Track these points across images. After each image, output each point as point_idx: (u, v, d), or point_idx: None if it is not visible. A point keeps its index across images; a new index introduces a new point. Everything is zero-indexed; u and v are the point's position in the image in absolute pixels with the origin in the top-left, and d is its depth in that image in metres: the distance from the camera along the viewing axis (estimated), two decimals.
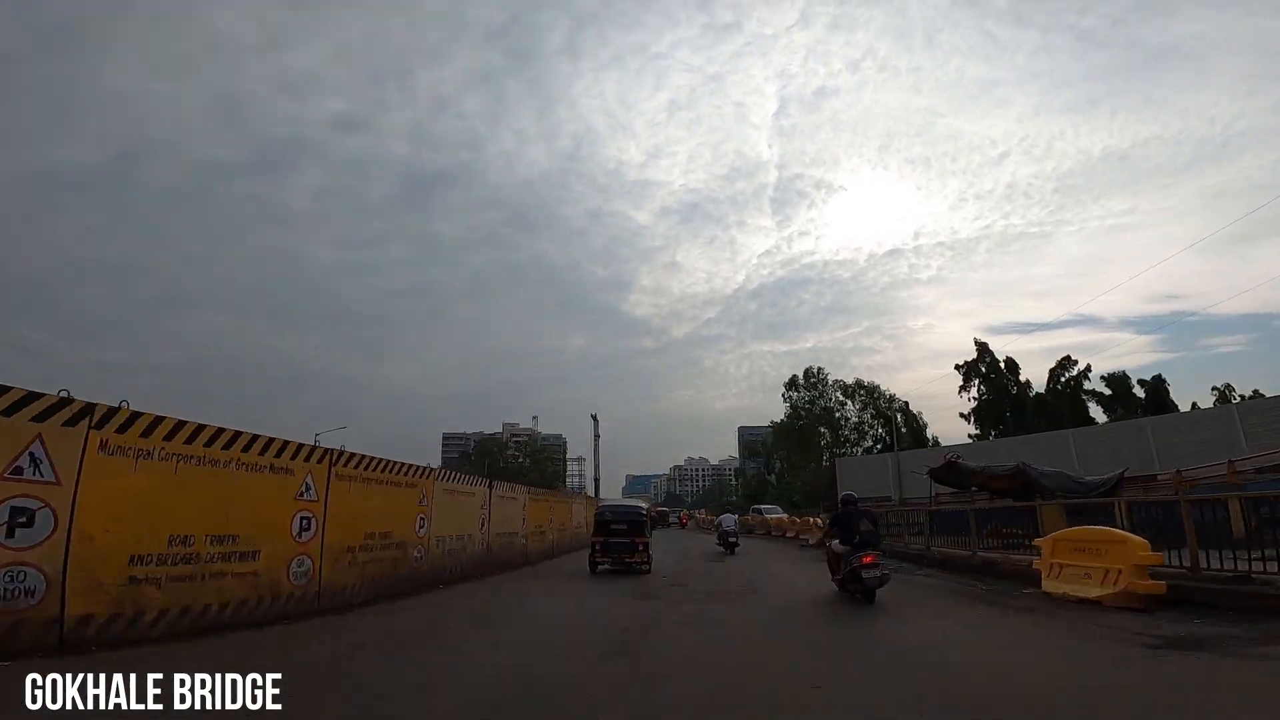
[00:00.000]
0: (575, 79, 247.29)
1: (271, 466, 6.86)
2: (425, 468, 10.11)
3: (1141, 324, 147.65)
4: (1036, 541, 8.41)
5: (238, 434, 6.34)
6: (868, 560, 7.95)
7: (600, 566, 11.45)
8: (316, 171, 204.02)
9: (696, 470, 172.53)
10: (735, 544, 17.84)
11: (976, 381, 48.73)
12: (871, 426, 52.49)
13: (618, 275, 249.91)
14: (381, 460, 8.36)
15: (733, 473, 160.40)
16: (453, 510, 10.48)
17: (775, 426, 53.32)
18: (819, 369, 51.37)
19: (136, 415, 5.36)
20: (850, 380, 61.24)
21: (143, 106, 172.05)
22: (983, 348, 50.74)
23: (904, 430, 48.18)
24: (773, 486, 67.45)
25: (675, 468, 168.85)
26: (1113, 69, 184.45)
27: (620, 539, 11.81)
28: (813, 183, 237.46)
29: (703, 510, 72.56)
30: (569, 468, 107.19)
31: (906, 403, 50.26)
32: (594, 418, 55.53)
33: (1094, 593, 6.76)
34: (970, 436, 47.83)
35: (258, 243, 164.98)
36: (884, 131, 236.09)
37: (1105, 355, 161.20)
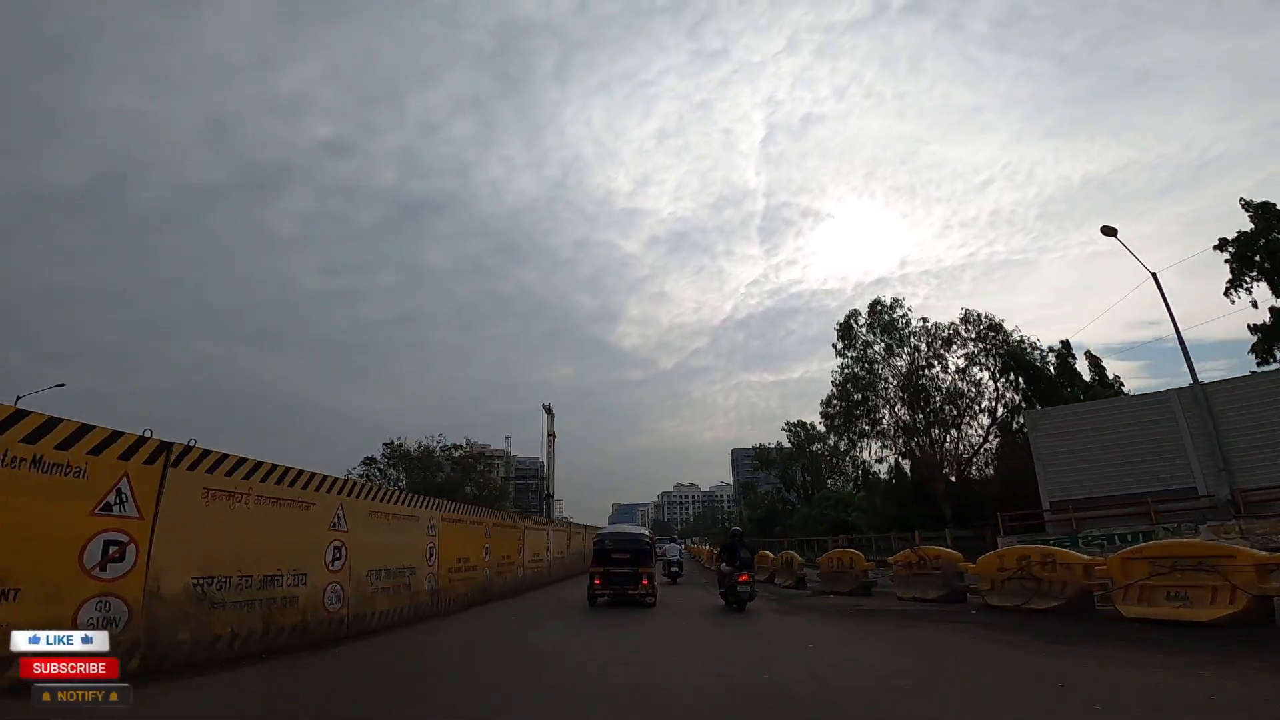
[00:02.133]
0: (564, 105, 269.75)
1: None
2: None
3: (1124, 351, 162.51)
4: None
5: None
6: (743, 579, 12.09)
7: (600, 598, 11.91)
8: (304, 196, 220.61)
9: (686, 497, 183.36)
10: (678, 574, 21.47)
11: None
12: (999, 388, 33.31)
13: (606, 305, 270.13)
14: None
15: (725, 500, 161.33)
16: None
17: (825, 405, 40.20)
18: (893, 300, 37.07)
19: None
20: (945, 318, 43.40)
21: (130, 127, 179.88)
22: None
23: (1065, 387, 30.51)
24: (796, 508, 61.77)
25: (664, 494, 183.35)
26: (1092, 93, 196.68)
27: (622, 569, 12.16)
28: (800, 211, 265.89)
29: (696, 540, 71.31)
30: (552, 505, 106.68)
31: (1065, 341, 32.70)
32: (547, 409, 52.50)
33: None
34: None
35: (244, 267, 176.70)
36: (869, 159, 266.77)
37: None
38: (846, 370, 38.73)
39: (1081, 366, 32.89)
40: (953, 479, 33.08)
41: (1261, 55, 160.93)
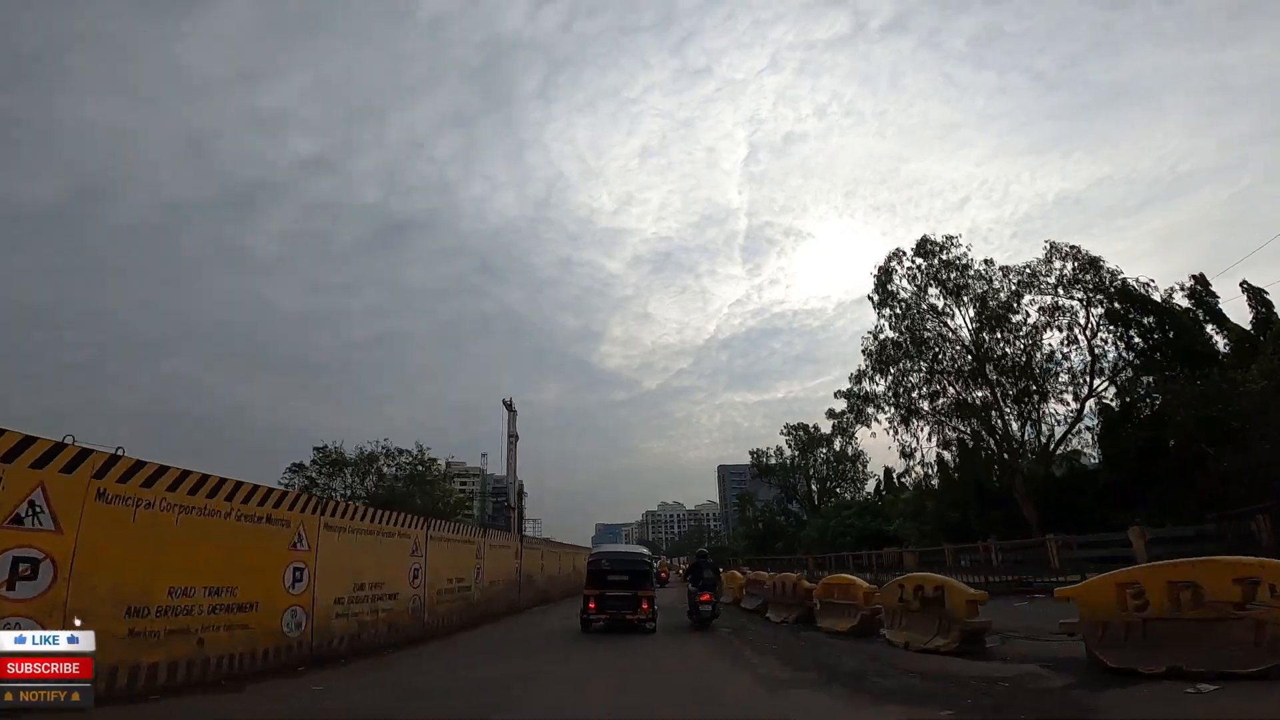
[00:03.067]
0: (548, 123, 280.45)
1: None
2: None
3: None
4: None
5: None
6: (705, 598, 13.19)
7: (595, 624, 11.60)
8: (285, 214, 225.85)
9: (672, 516, 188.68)
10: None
11: None
12: (1101, 346, 25.55)
13: (589, 326, 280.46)
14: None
15: (711, 518, 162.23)
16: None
17: (853, 382, 33.80)
18: (947, 238, 29.45)
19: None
20: (1017, 257, 33.96)
21: (106, 141, 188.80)
22: None
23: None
24: (806, 521, 56.98)
25: (648, 513, 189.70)
26: (1068, 109, 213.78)
27: (620, 591, 11.84)
28: (782, 230, 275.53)
29: (682, 560, 67.18)
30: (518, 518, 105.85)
31: (1199, 276, 24.56)
32: (507, 405, 47.17)
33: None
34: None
35: (222, 287, 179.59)
36: (850, 177, 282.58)
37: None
38: (883, 336, 31.16)
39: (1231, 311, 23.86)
40: (1033, 471, 26.10)
41: (1232, 69, 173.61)
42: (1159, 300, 24.66)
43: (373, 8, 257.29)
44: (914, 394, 29.86)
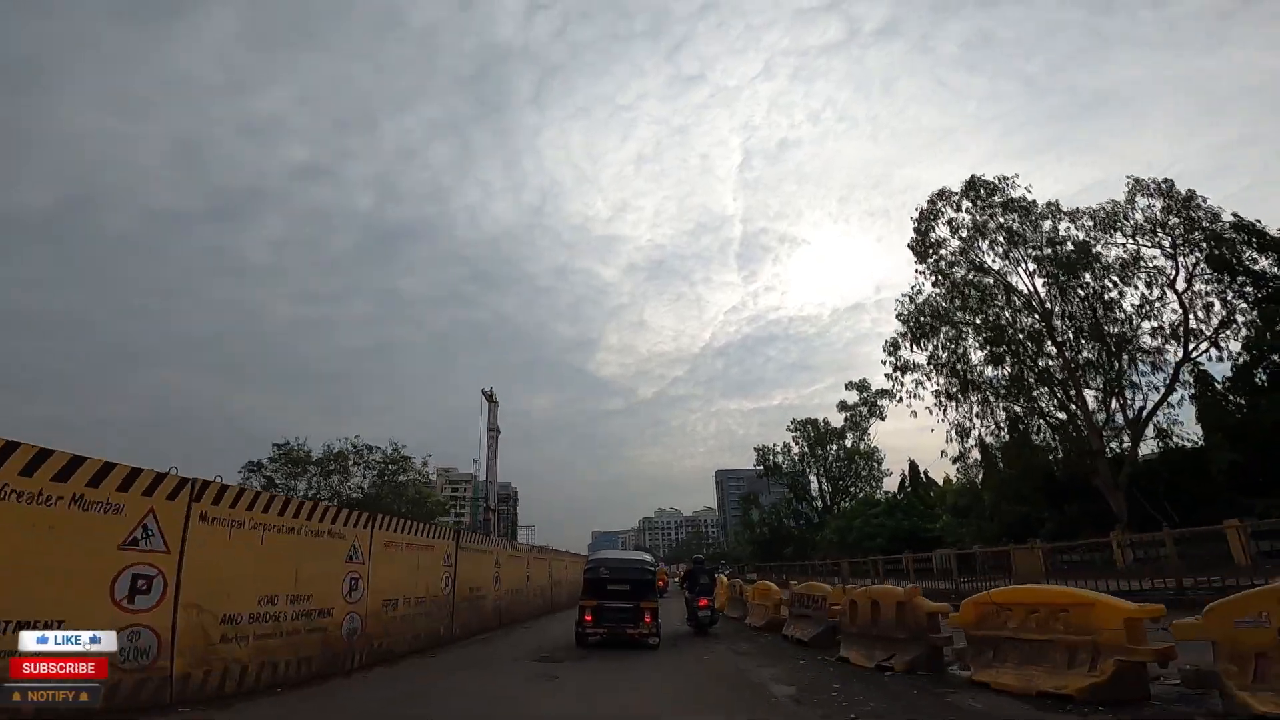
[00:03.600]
0: (542, 130, 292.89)
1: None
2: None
3: None
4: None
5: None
6: (702, 604, 13.71)
7: (591, 638, 10.98)
8: (277, 222, 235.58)
9: (668, 522, 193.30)
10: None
11: None
12: (1201, 300, 21.66)
13: (584, 334, 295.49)
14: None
15: (709, 524, 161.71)
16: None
17: (890, 351, 28.60)
18: (1001, 178, 25.65)
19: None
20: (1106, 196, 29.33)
21: (97, 149, 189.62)
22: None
23: None
24: (823, 522, 53.90)
25: (644, 520, 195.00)
26: (1056, 115, 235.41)
27: (620, 603, 11.11)
28: (777, 237, 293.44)
29: (680, 567, 64.27)
30: (520, 532, 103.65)
31: None
32: (487, 396, 44.28)
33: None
34: None
35: (214, 295, 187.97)
36: (845, 183, 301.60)
37: None
38: (923, 295, 27.14)
39: None
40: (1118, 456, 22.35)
41: (1215, 75, 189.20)
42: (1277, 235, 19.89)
43: (365, 16, 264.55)
44: (964, 363, 26.11)
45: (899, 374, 29.04)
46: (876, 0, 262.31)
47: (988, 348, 25.29)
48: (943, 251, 26.75)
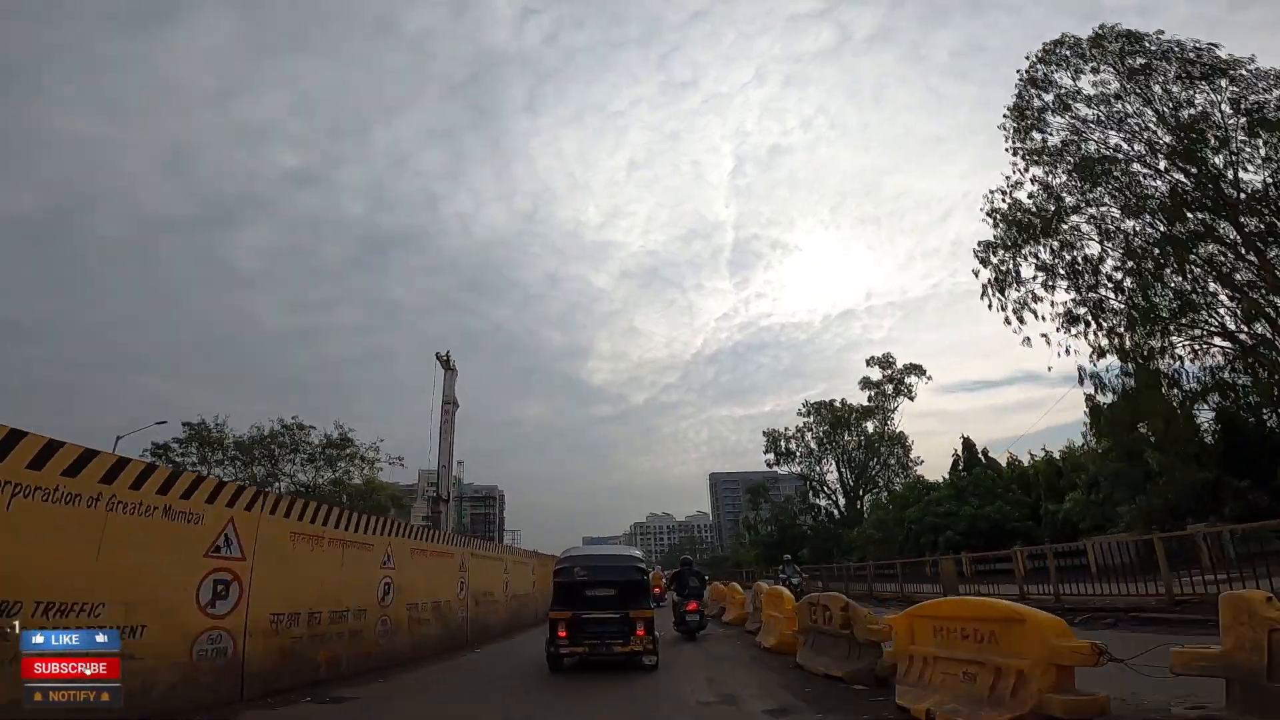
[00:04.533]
0: (534, 136, 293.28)
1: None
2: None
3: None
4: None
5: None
6: (691, 608, 13.59)
7: (567, 659, 9.42)
8: (268, 229, 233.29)
9: (661, 527, 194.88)
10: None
11: None
12: None
13: (576, 341, 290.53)
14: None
15: (704, 528, 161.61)
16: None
17: (985, 256, 23.54)
18: (1129, 33, 21.05)
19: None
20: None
21: (86, 154, 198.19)
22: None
23: None
24: (838, 520, 49.24)
25: (636, 524, 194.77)
26: None
27: (603, 612, 9.37)
28: (769, 243, 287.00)
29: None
30: (506, 535, 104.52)
31: None
32: (443, 361, 37.37)
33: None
34: None
35: (203, 303, 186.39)
36: (836, 190, 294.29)
37: (1048, 411, 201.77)
38: (1026, 188, 22.40)
39: None
40: None
41: None
42: None
43: (357, 22, 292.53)
44: (1098, 273, 20.38)
45: (997, 291, 22.90)
46: (867, 7, 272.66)
47: (1127, 251, 19.76)
48: (1054, 122, 21.21)
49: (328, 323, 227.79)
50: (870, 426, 50.93)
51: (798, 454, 52.56)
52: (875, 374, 50.37)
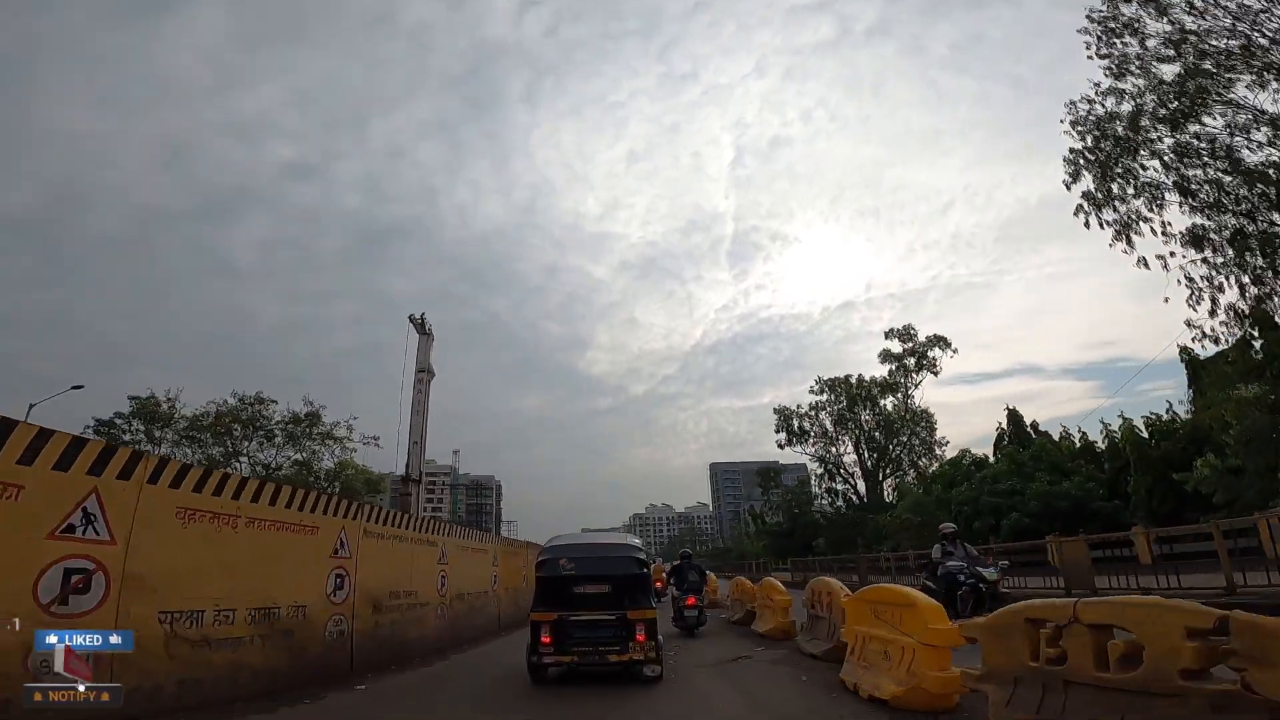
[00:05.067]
0: (533, 129, 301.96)
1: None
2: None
3: (1080, 371, 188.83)
4: None
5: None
6: (690, 603, 13.54)
7: (553, 668, 8.25)
8: (264, 222, 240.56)
9: (660, 519, 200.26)
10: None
11: None
12: None
13: (575, 332, 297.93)
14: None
15: (705, 519, 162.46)
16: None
17: (1088, 158, 21.12)
18: None
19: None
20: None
21: (82, 148, 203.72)
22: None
23: None
24: (860, 506, 45.63)
25: (635, 516, 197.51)
26: (1046, 116, 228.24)
27: (595, 613, 8.28)
28: (768, 235, 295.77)
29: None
30: (504, 527, 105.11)
31: None
32: (417, 324, 32.67)
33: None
34: None
35: (200, 296, 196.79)
36: (836, 182, 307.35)
37: (1046, 403, 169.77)
38: (1109, 101, 20.70)
39: None
40: None
41: None
42: None
43: (354, 15, 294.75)
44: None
45: (1091, 207, 21.21)
46: (868, 0, 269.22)
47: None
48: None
49: (326, 315, 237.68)
50: (889, 404, 47.76)
51: (812, 434, 49.28)
52: (895, 347, 47.47)
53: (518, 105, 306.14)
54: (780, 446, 51.72)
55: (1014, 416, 38.46)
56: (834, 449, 48.82)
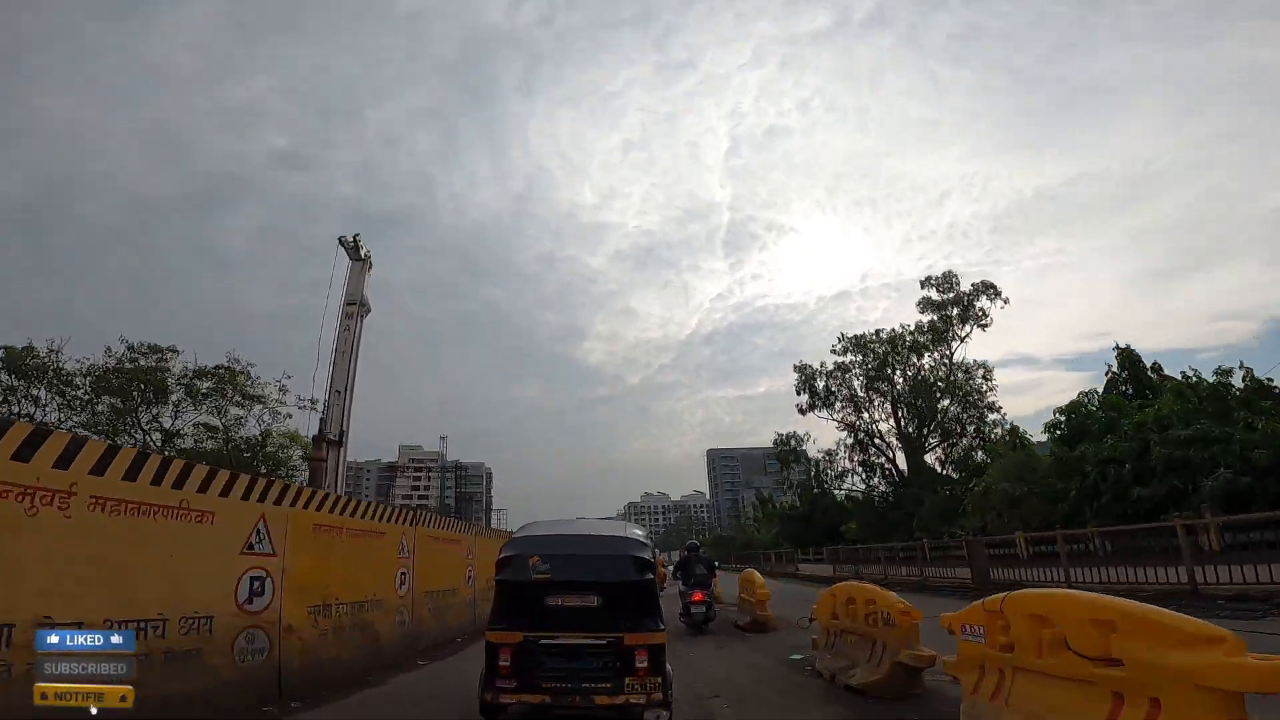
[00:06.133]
0: (529, 118, 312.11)
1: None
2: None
3: (1073, 361, 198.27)
4: None
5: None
6: (697, 598, 13.56)
7: (509, 704, 6.13)
8: (257, 211, 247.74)
9: (655, 507, 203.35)
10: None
11: None
12: None
13: (571, 322, 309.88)
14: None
15: (703, 508, 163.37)
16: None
17: None
18: None
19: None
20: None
21: (72, 138, 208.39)
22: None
23: None
24: (902, 482, 41.35)
25: (630, 504, 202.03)
26: (1043, 107, 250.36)
27: (578, 636, 6.16)
28: (764, 225, 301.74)
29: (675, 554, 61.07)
30: (495, 516, 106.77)
31: None
32: (348, 246, 28.49)
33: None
34: None
35: (191, 286, 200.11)
36: (833, 172, 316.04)
37: (1040, 394, 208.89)
38: None
39: None
40: None
41: (1200, 67, 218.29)
42: None
43: (350, 3, 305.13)
44: None
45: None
46: None
47: None
48: None
49: (318, 306, 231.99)
50: (928, 362, 42.12)
51: (838, 397, 43.49)
52: (933, 293, 41.68)
53: (513, 94, 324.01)
54: (801, 412, 46.29)
55: (1128, 356, 31.55)
56: (865, 415, 43.26)
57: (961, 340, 40.31)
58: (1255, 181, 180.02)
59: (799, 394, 44.82)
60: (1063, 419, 31.08)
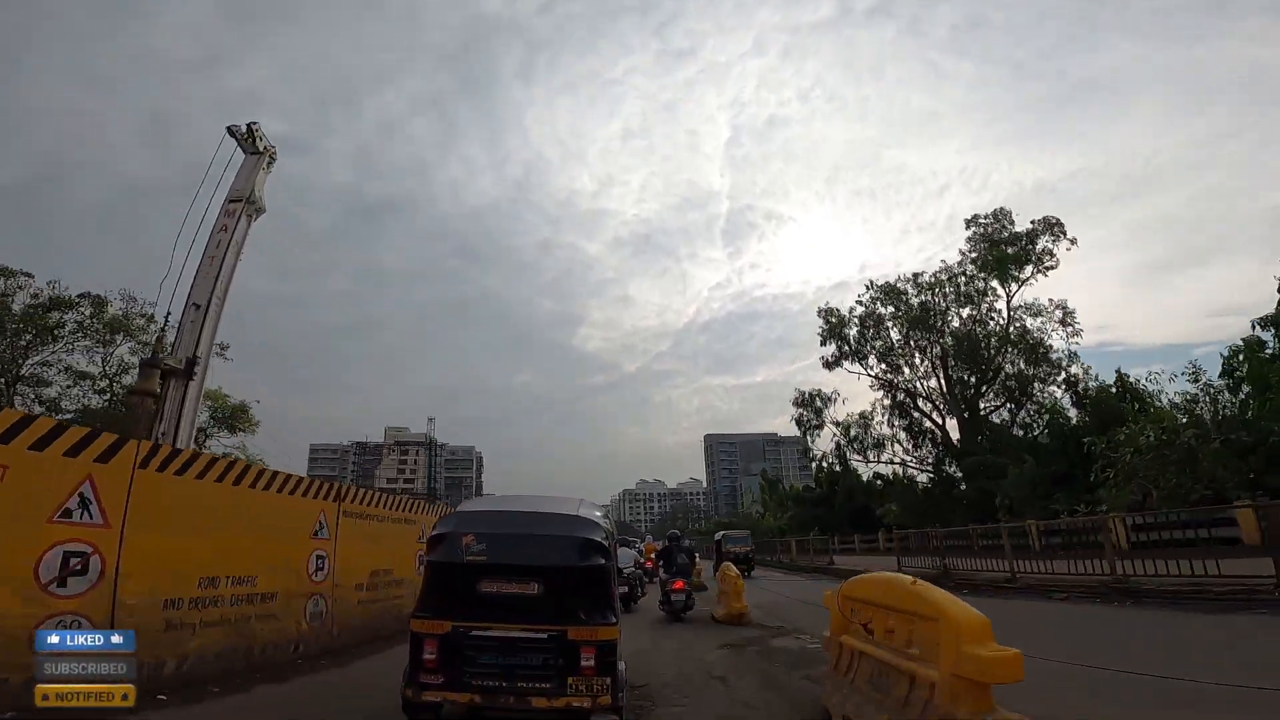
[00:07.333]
0: (527, 105, 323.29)
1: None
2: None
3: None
4: None
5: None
6: (677, 586, 14.61)
7: (436, 702, 5.60)
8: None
9: (651, 494, 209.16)
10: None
11: None
12: None
13: (568, 309, 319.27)
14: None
15: (700, 495, 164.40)
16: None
17: None
18: None
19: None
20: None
21: (66, 125, 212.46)
22: None
23: None
24: (958, 454, 35.48)
25: (625, 491, 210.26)
26: (1043, 101, 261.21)
27: (514, 628, 5.59)
28: (763, 214, 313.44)
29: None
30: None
31: None
32: (239, 135, 23.39)
33: None
34: None
35: (186, 272, 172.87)
36: (832, 162, 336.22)
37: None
38: None
39: None
40: None
41: (1201, 65, 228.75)
42: None
43: None
44: None
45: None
46: None
47: None
48: None
49: (315, 291, 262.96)
50: (983, 308, 36.11)
51: (873, 349, 37.76)
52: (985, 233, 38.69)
53: (512, 81, 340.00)
54: (827, 365, 41.23)
55: None
56: (906, 371, 37.77)
57: (1020, 284, 35.35)
58: (1255, 179, 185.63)
59: (824, 343, 40.10)
60: (1233, 356, 25.38)
